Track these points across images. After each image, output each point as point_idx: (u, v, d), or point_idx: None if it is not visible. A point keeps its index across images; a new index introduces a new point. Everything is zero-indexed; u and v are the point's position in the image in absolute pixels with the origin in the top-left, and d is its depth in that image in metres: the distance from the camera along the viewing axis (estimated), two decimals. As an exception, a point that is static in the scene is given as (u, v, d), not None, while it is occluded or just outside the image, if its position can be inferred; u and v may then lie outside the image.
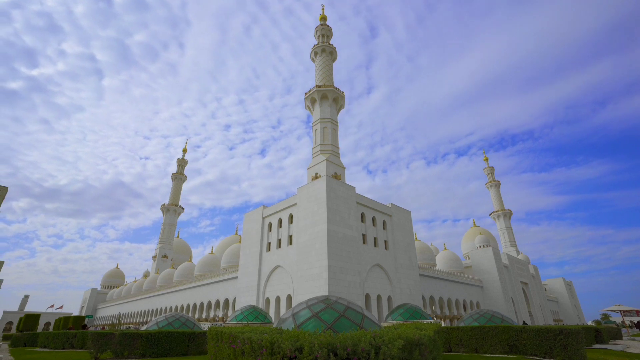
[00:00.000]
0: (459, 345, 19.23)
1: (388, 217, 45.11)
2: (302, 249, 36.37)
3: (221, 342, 8.56)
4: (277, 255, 40.82)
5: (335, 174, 47.24)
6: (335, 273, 33.14)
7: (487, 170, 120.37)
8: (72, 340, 27.35)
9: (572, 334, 15.52)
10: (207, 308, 55.45)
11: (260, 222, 45.33)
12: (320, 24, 62.70)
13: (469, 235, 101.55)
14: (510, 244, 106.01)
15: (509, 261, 73.68)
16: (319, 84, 55.31)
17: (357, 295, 34.49)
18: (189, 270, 71.50)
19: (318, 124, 51.76)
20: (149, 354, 17.26)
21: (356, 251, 36.96)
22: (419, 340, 6.70)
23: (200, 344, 19.06)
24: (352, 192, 39.88)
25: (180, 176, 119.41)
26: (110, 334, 17.80)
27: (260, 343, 6.48)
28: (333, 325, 9.51)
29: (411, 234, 48.53)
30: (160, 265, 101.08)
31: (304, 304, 11.25)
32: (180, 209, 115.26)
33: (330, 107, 53.21)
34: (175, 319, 22.11)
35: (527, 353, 16.66)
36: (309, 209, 37.39)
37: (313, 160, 49.77)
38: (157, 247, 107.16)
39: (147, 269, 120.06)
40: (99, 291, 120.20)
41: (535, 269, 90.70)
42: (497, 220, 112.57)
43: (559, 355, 15.47)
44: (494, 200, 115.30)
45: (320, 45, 59.86)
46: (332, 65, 59.51)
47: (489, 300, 64.73)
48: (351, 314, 10.20)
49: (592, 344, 26.00)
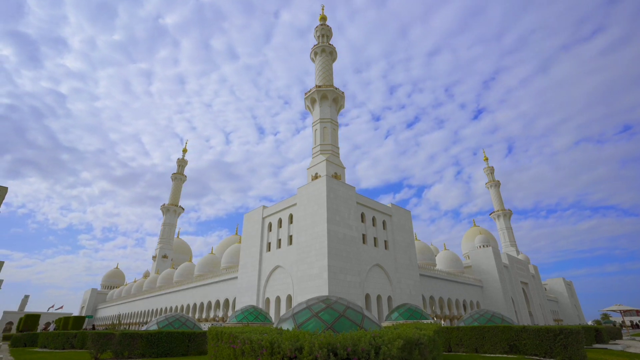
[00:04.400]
0: (459, 345, 19.24)
1: (388, 217, 45.12)
2: (302, 249, 36.37)
3: (221, 342, 8.56)
4: (277, 255, 40.82)
5: (335, 174, 47.26)
6: (335, 273, 33.14)
7: (487, 170, 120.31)
8: (72, 340, 27.37)
9: (572, 333, 15.52)
10: (207, 308, 55.45)
11: (260, 222, 45.33)
12: (320, 24, 62.70)
13: (469, 235, 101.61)
14: (510, 244, 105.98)
15: (509, 261, 73.68)
16: (319, 84, 55.33)
17: (357, 295, 34.48)
18: (189, 270, 71.49)
19: (318, 124, 51.80)
20: (149, 354, 17.27)
21: (356, 251, 36.96)
22: (419, 340, 6.70)
23: (200, 344, 19.08)
24: (352, 192, 39.89)
25: (180, 176, 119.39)
26: (110, 334, 17.81)
27: (260, 343, 6.48)
28: (333, 325, 9.50)
29: (411, 234, 48.54)
30: (160, 266, 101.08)
31: (304, 304, 11.24)
32: (180, 209, 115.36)
33: (330, 107, 53.26)
34: (175, 319, 22.12)
35: (527, 353, 16.66)
36: (309, 209, 37.39)
37: (313, 160, 49.79)
38: (157, 247, 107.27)
39: (147, 269, 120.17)
40: (99, 291, 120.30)
41: (535, 269, 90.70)
42: (497, 220, 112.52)
43: (559, 355, 15.47)
44: (494, 200, 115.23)
45: (320, 45, 59.88)
46: (332, 66, 59.56)
47: (489, 300, 64.73)
48: (351, 314, 10.18)
49: (592, 343, 26.01)
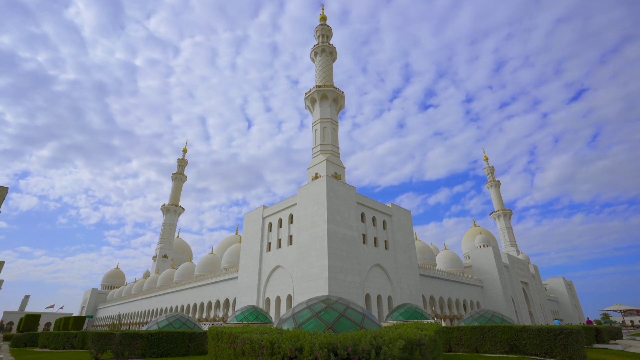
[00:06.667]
0: (459, 345, 19.24)
1: (388, 217, 45.10)
2: (302, 249, 36.36)
3: (221, 342, 8.55)
4: (278, 255, 40.81)
5: (335, 173, 47.27)
6: (335, 273, 33.13)
7: (487, 170, 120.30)
8: (73, 340, 27.38)
9: (572, 333, 15.52)
10: (208, 308, 55.45)
11: (261, 222, 45.32)
12: (320, 24, 62.69)
13: (469, 235, 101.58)
14: (511, 244, 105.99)
15: (509, 261, 73.66)
16: (319, 84, 55.33)
17: (357, 295, 34.47)
18: (189, 270, 71.48)
19: (318, 124, 51.80)
20: (150, 354, 17.26)
21: (356, 251, 36.95)
22: (420, 340, 6.69)
23: (200, 344, 19.08)
24: (352, 192, 39.87)
25: (180, 176, 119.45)
26: (110, 334, 17.82)
27: (260, 343, 6.47)
28: (333, 325, 9.49)
29: (411, 233, 48.52)
30: (160, 266, 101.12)
31: (304, 304, 11.24)
32: (181, 209, 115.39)
33: (330, 107, 53.26)
34: (175, 319, 22.12)
35: (527, 353, 16.66)
36: (309, 209, 37.38)
37: (313, 160, 49.79)
38: (157, 247, 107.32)
39: (147, 269, 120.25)
40: (99, 291, 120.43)
41: (535, 269, 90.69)
42: (497, 220, 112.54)
43: (559, 354, 15.47)
44: (494, 200, 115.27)
45: (320, 45, 59.87)
46: (332, 66, 59.56)
47: (489, 300, 64.72)
48: (351, 314, 10.17)
49: (592, 343, 26.00)
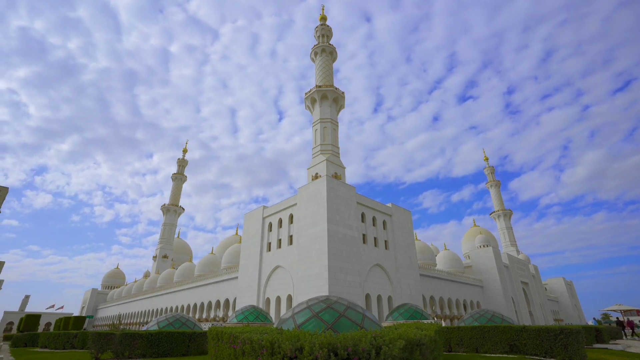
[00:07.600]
0: (459, 345, 19.24)
1: (388, 217, 45.10)
2: (303, 249, 36.37)
3: (221, 342, 8.56)
4: (278, 255, 40.82)
5: (336, 174, 47.27)
6: (335, 273, 33.13)
7: (487, 170, 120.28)
8: (73, 340, 27.39)
9: (572, 333, 15.51)
10: (208, 308, 55.46)
11: (261, 222, 45.33)
12: (320, 24, 62.69)
13: (469, 235, 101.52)
14: (511, 244, 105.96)
15: (509, 261, 73.64)
16: (319, 84, 55.33)
17: (357, 295, 34.47)
18: (190, 270, 71.51)
19: (318, 124, 51.80)
20: (150, 354, 17.27)
21: (356, 251, 36.95)
22: (420, 340, 6.69)
23: (200, 344, 19.09)
24: (352, 192, 39.87)
25: (180, 176, 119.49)
26: (110, 334, 17.82)
27: (260, 343, 6.48)
28: (333, 326, 9.49)
29: (411, 234, 48.51)
30: (160, 266, 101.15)
31: (304, 304, 11.24)
32: (181, 209, 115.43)
33: (330, 107, 53.26)
34: (175, 319, 22.13)
35: (527, 353, 16.66)
36: (309, 209, 37.38)
37: (313, 160, 49.79)
38: (157, 247, 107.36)
39: (147, 269, 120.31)
40: (99, 291, 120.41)
41: (535, 269, 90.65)
42: (497, 220, 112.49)
43: (560, 355, 15.47)
44: (494, 200, 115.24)
45: (320, 45, 59.87)
46: (332, 65, 59.56)
47: (489, 300, 64.70)
48: (351, 314, 10.17)
49: (592, 343, 25.99)
